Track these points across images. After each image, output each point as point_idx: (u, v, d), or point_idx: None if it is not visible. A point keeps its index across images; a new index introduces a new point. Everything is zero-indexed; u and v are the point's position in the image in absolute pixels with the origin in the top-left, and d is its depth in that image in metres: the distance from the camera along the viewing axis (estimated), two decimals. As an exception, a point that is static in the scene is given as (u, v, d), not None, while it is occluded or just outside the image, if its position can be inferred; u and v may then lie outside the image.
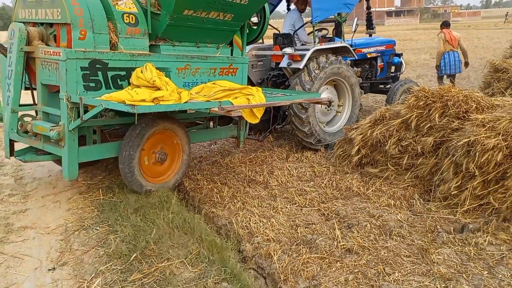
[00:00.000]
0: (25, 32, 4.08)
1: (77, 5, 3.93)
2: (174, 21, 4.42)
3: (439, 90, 4.88)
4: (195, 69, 4.86)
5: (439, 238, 3.67)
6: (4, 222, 3.97)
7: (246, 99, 4.43)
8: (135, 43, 4.35)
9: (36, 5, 4.20)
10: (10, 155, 4.50)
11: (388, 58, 8.21)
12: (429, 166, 4.63)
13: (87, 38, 3.98)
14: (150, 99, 3.91)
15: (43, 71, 4.17)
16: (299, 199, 4.59)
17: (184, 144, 4.73)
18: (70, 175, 4.06)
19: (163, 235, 3.56)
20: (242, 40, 5.37)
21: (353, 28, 7.17)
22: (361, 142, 5.25)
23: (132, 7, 4.33)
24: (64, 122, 3.94)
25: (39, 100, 4.33)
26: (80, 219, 4.01)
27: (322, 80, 6.15)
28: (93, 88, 4.06)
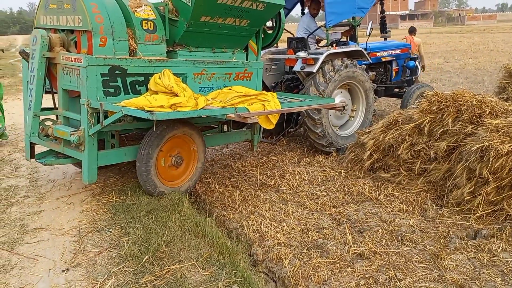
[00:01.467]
0: (47, 39, 4.17)
1: (98, 12, 4.01)
2: (191, 28, 4.47)
3: (453, 95, 4.84)
4: (211, 74, 4.91)
5: (451, 244, 3.63)
6: (19, 223, 4.04)
7: (261, 105, 4.46)
8: (153, 49, 4.42)
9: (57, 12, 4.29)
10: (31, 157, 4.64)
11: (403, 61, 8.19)
12: (442, 171, 4.59)
13: (107, 45, 4.05)
14: (168, 105, 3.96)
15: (64, 77, 4.25)
16: (311, 203, 4.59)
17: (200, 152, 4.79)
18: (89, 178, 4.15)
19: (174, 237, 3.59)
20: (257, 45, 5.40)
21: (368, 32, 7.16)
22: (373, 147, 5.23)
23: (151, 14, 4.40)
24: (84, 127, 4.02)
25: (60, 105, 4.42)
26: (94, 221, 4.06)
27: (336, 83, 6.16)
28: (113, 93, 4.14)
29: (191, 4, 4.27)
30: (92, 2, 4.02)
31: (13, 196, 4.69)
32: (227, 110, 4.18)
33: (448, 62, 16.92)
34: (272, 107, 4.50)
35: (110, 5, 4.16)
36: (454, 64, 16.29)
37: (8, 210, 4.34)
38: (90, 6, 3.99)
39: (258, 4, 4.66)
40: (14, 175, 5.40)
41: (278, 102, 4.68)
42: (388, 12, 11.66)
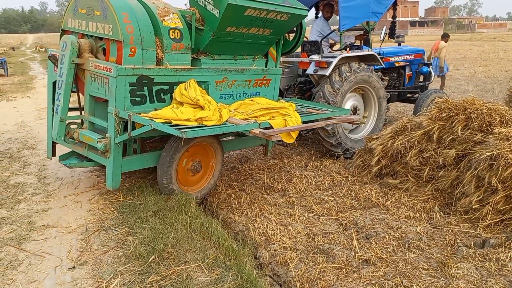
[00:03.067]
0: (77, 45, 4.19)
1: (129, 22, 4.00)
2: (216, 37, 4.48)
3: (463, 102, 4.81)
4: (231, 81, 4.94)
5: (459, 252, 3.61)
6: (27, 220, 4.06)
7: (283, 120, 4.49)
8: (178, 58, 4.43)
9: (87, 17, 4.29)
10: (52, 155, 4.84)
11: (416, 67, 8.19)
12: (450, 179, 4.56)
13: (136, 55, 4.07)
14: (194, 119, 4.02)
15: (92, 84, 4.27)
16: (317, 208, 4.58)
17: (216, 170, 4.81)
18: (113, 184, 4.21)
19: (181, 238, 3.59)
20: (277, 51, 5.40)
21: (381, 37, 7.17)
22: (381, 153, 5.22)
23: (178, 22, 4.40)
24: (111, 134, 4.06)
25: (86, 110, 4.45)
26: (101, 219, 4.07)
27: (352, 84, 6.21)
28: (139, 102, 4.17)
29: (219, 15, 4.26)
30: (123, 11, 4.01)
31: (21, 193, 4.71)
32: (251, 125, 4.19)
33: (457, 70, 16.85)
34: (293, 121, 4.54)
35: (140, 14, 4.15)
36: (463, 71, 16.21)
37: (16, 206, 4.36)
38: (121, 16, 3.98)
39: (282, 15, 4.69)
40: (22, 172, 5.43)
41: (298, 116, 4.69)
42: (398, 18, 11.69)
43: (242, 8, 4.30)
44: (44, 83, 14.84)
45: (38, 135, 7.32)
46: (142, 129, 3.97)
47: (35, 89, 13.58)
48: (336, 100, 6.06)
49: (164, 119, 3.95)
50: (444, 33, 11.85)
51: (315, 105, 5.72)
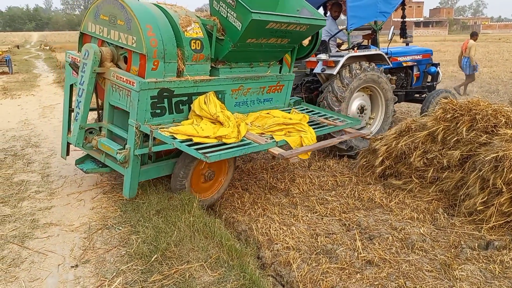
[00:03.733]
0: (99, 55, 4.16)
1: (153, 35, 3.96)
2: (236, 48, 4.46)
3: (468, 103, 4.79)
4: (247, 89, 4.94)
5: (462, 254, 3.59)
6: (30, 218, 4.06)
7: (299, 137, 4.50)
8: (198, 69, 4.41)
9: (109, 25, 4.24)
10: (67, 154, 4.92)
11: (424, 67, 8.19)
12: (454, 180, 4.54)
13: (158, 68, 4.04)
14: (213, 136, 4.04)
15: (113, 94, 4.27)
16: (320, 208, 4.57)
17: (222, 188, 4.81)
18: (130, 193, 4.24)
19: (183, 237, 3.58)
20: (291, 57, 5.38)
21: (389, 36, 7.16)
22: (385, 153, 5.19)
23: (199, 32, 4.36)
24: (130, 146, 4.07)
25: (105, 118, 4.45)
26: (104, 218, 4.07)
27: (361, 81, 6.23)
28: (159, 114, 4.17)
29: (241, 28, 4.23)
30: (147, 24, 3.96)
31: (24, 191, 4.72)
32: (270, 145, 4.18)
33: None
34: (309, 138, 4.53)
35: (163, 26, 4.10)
36: (468, 72, 16.10)
37: (19, 204, 4.37)
38: (146, 29, 3.93)
39: (302, 26, 4.68)
40: (26, 170, 5.44)
41: (313, 132, 4.69)
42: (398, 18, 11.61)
43: (265, 23, 4.28)
44: (48, 81, 14.89)
45: (42, 133, 7.35)
46: (163, 146, 3.99)
47: (39, 87, 13.61)
48: (345, 95, 6.08)
49: (185, 135, 3.95)
50: (472, 31, 11.89)
51: (324, 112, 5.68)
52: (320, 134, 4.92)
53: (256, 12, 4.13)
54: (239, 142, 4.15)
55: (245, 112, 5.00)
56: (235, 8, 4.20)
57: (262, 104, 5.26)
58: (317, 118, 5.35)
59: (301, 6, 5.03)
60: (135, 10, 3.97)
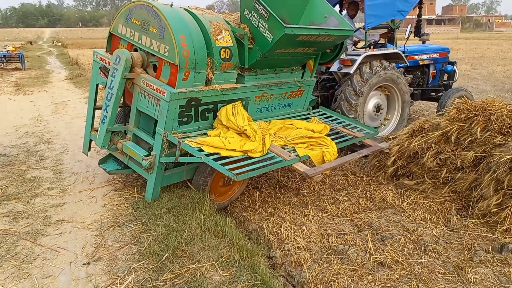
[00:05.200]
0: (130, 61, 4.14)
1: (185, 46, 3.93)
2: (264, 57, 4.43)
3: (482, 104, 4.71)
4: (270, 95, 4.94)
5: (476, 256, 3.54)
6: (43, 214, 4.09)
7: (321, 151, 4.49)
8: (225, 77, 4.39)
9: (141, 30, 4.21)
10: (88, 150, 4.98)
11: (441, 65, 8.15)
12: (468, 181, 4.48)
13: (189, 78, 4.03)
14: (240, 149, 4.06)
15: (141, 100, 4.27)
16: (331, 208, 4.54)
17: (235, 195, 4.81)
18: (153, 197, 4.27)
19: (194, 236, 3.58)
20: (314, 63, 5.35)
21: (407, 35, 7.12)
22: (397, 153, 5.14)
23: (229, 40, 4.32)
24: (156, 153, 4.09)
25: (132, 122, 4.46)
26: (115, 215, 4.09)
27: (381, 79, 6.27)
28: (185, 122, 4.18)
29: (272, 40, 4.19)
30: (181, 34, 3.92)
31: (37, 187, 4.76)
32: (293, 160, 4.16)
33: (475, 69, 16.57)
34: (330, 153, 4.53)
35: (195, 35, 4.05)
36: (481, 71, 15.94)
37: (32, 201, 4.41)
38: (179, 39, 3.89)
39: (330, 37, 4.68)
40: (39, 166, 5.49)
41: (335, 146, 4.67)
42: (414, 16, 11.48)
43: (296, 36, 4.26)
44: (60, 78, 15.01)
45: (54, 129, 7.41)
46: (190, 158, 3.97)
47: (51, 83, 13.73)
48: (363, 90, 6.10)
49: (211, 147, 3.95)
50: None
51: (342, 118, 5.63)
52: (341, 147, 4.91)
53: (289, 27, 4.10)
54: (264, 156, 4.15)
55: (267, 118, 5.01)
56: (268, 19, 4.15)
57: (283, 109, 5.26)
58: (336, 127, 5.33)
59: (329, 13, 4.98)
60: (169, 19, 3.93)
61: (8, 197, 4.46)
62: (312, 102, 5.77)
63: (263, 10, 4.16)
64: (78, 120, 8.15)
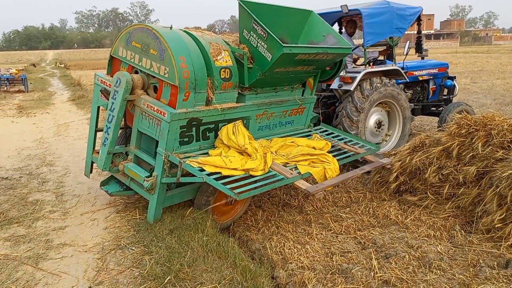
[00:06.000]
0: (131, 83, 4.18)
1: (185, 67, 3.97)
2: (264, 76, 4.48)
3: (482, 118, 4.72)
4: (270, 113, 4.97)
5: (481, 273, 3.50)
6: (44, 238, 4.08)
7: (322, 168, 4.50)
8: (226, 97, 4.42)
9: (141, 52, 4.25)
10: (90, 172, 4.97)
11: (440, 80, 8.25)
12: (471, 197, 4.46)
13: (189, 99, 4.06)
14: (241, 168, 4.06)
15: (142, 121, 4.30)
16: (335, 226, 4.51)
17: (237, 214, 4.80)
18: (155, 218, 4.26)
19: (197, 258, 3.55)
20: (314, 80, 5.39)
21: (405, 51, 7.21)
22: (399, 169, 5.14)
23: (228, 61, 4.37)
24: (158, 173, 4.09)
25: (133, 143, 4.49)
26: (117, 238, 4.07)
27: (381, 95, 6.35)
28: (186, 142, 4.20)
29: (271, 60, 4.25)
30: (181, 55, 3.96)
31: (39, 211, 4.75)
32: (295, 178, 4.17)
33: (475, 83, 16.62)
34: (332, 170, 4.53)
35: (195, 57, 4.10)
36: (481, 84, 15.99)
37: (34, 224, 4.39)
38: (179, 61, 3.94)
39: (329, 55, 4.73)
40: (40, 189, 5.49)
41: (337, 163, 4.67)
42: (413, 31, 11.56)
43: (295, 54, 4.32)
44: (63, 99, 15.11)
45: (56, 151, 7.43)
46: (192, 178, 3.97)
47: (54, 105, 13.82)
48: (364, 106, 6.14)
49: (213, 167, 3.96)
50: None
51: (343, 135, 5.67)
52: (343, 163, 4.91)
53: (287, 46, 4.15)
54: (265, 174, 4.14)
55: (268, 136, 5.02)
56: (266, 39, 4.21)
57: (284, 127, 5.27)
58: (338, 143, 5.34)
59: (327, 32, 5.06)
60: (169, 41, 3.98)
61: (9, 221, 4.44)
62: (314, 119, 5.80)
63: (262, 30, 4.21)
64: (80, 141, 8.18)
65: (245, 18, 4.40)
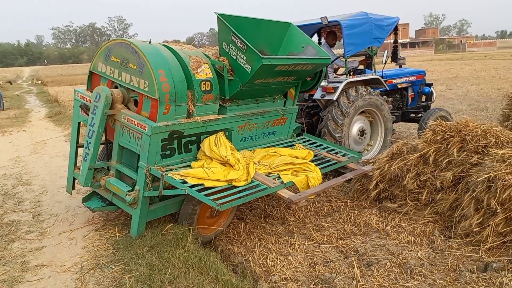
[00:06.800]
0: (111, 98, 4.18)
1: (165, 80, 3.98)
2: (245, 88, 4.52)
3: (457, 125, 4.81)
4: (253, 124, 5.01)
5: (461, 277, 3.54)
6: (20, 260, 3.97)
7: (305, 177, 4.54)
8: (207, 109, 4.43)
9: (120, 67, 4.27)
10: (72, 189, 4.93)
11: (418, 88, 8.48)
12: (449, 202, 4.52)
13: (170, 112, 4.06)
14: (224, 179, 4.06)
15: (123, 135, 4.28)
16: (317, 235, 4.52)
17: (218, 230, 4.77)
18: (138, 233, 4.22)
19: (178, 274, 3.50)
20: (295, 91, 5.46)
21: (383, 60, 7.38)
22: (379, 176, 5.19)
23: (209, 73, 4.39)
24: (140, 187, 4.06)
25: (114, 158, 4.46)
26: (96, 257, 3.99)
27: (366, 102, 6.52)
28: (168, 155, 4.19)
29: (250, 71, 4.29)
30: (160, 69, 3.98)
31: (15, 232, 4.64)
32: (278, 187, 4.20)
33: (450, 89, 16.99)
34: (315, 178, 4.58)
35: (175, 70, 4.12)
36: (456, 91, 16.35)
37: (9, 246, 4.28)
38: (158, 74, 3.95)
39: (308, 65, 4.79)
40: (17, 209, 5.36)
41: (319, 172, 4.72)
42: (390, 40, 11.77)
43: (274, 66, 4.37)
44: (40, 116, 14.87)
45: (33, 170, 7.28)
46: (174, 191, 3.96)
47: (30, 122, 13.58)
48: (349, 111, 6.31)
49: (195, 179, 3.96)
50: None
51: (326, 144, 5.76)
52: (325, 172, 4.95)
53: (266, 58, 4.20)
54: (248, 184, 4.15)
55: (251, 147, 5.05)
56: (245, 51, 4.25)
57: (267, 137, 5.32)
58: (320, 152, 5.41)
59: (306, 43, 5.14)
60: (147, 55, 3.99)
61: (-16, 244, 4.32)
62: (297, 129, 5.88)
63: (240, 42, 4.25)
64: (57, 159, 8.04)
65: (223, 31, 4.45)
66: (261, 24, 5.08)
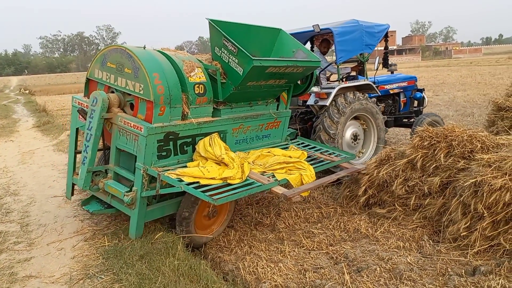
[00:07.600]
0: (107, 102, 4.28)
1: (159, 83, 4.08)
2: (237, 90, 4.62)
3: (443, 130, 4.89)
4: (247, 127, 5.11)
5: (450, 281, 3.57)
6: (8, 271, 3.92)
7: (299, 175, 4.60)
8: (201, 111, 4.54)
9: (116, 72, 4.36)
10: (71, 195, 4.99)
11: (410, 93, 8.63)
12: (437, 207, 4.57)
13: (165, 113, 4.16)
14: (219, 177, 4.14)
15: (120, 138, 4.36)
16: (307, 242, 4.53)
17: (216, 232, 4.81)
18: (137, 234, 4.28)
19: (168, 283, 3.49)
20: (288, 95, 5.57)
21: (375, 66, 7.49)
22: (367, 182, 5.23)
23: (202, 77, 4.50)
24: (137, 188, 4.12)
25: (112, 161, 4.52)
26: (85, 267, 3.96)
27: (361, 106, 6.63)
28: (164, 156, 4.27)
29: (242, 73, 4.40)
30: (154, 72, 4.09)
31: (2, 243, 4.58)
32: (272, 184, 4.29)
33: (437, 95, 17.20)
34: (308, 176, 4.65)
35: (169, 73, 4.23)
36: (443, 97, 16.56)
37: (-3, 257, 4.23)
38: (153, 77, 4.06)
39: (299, 68, 4.91)
40: (4, 220, 5.30)
41: (313, 170, 4.81)
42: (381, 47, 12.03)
43: (265, 68, 4.48)
44: (27, 126, 14.73)
45: (21, 180, 7.20)
46: (171, 189, 4.03)
47: (18, 132, 13.44)
48: (346, 111, 6.44)
49: (191, 177, 4.03)
50: None
51: (320, 146, 5.87)
52: (319, 170, 5.04)
53: (257, 59, 4.32)
54: (243, 182, 4.24)
55: (245, 149, 5.13)
56: (237, 54, 4.38)
57: (261, 140, 5.41)
58: (314, 153, 5.51)
59: (296, 48, 5.29)
60: (142, 59, 4.11)
61: (-29, 256, 4.26)
62: (292, 135, 5.95)
63: (232, 46, 4.38)
64: (45, 169, 7.97)
65: (215, 35, 4.58)
66: (251, 29, 5.22)
